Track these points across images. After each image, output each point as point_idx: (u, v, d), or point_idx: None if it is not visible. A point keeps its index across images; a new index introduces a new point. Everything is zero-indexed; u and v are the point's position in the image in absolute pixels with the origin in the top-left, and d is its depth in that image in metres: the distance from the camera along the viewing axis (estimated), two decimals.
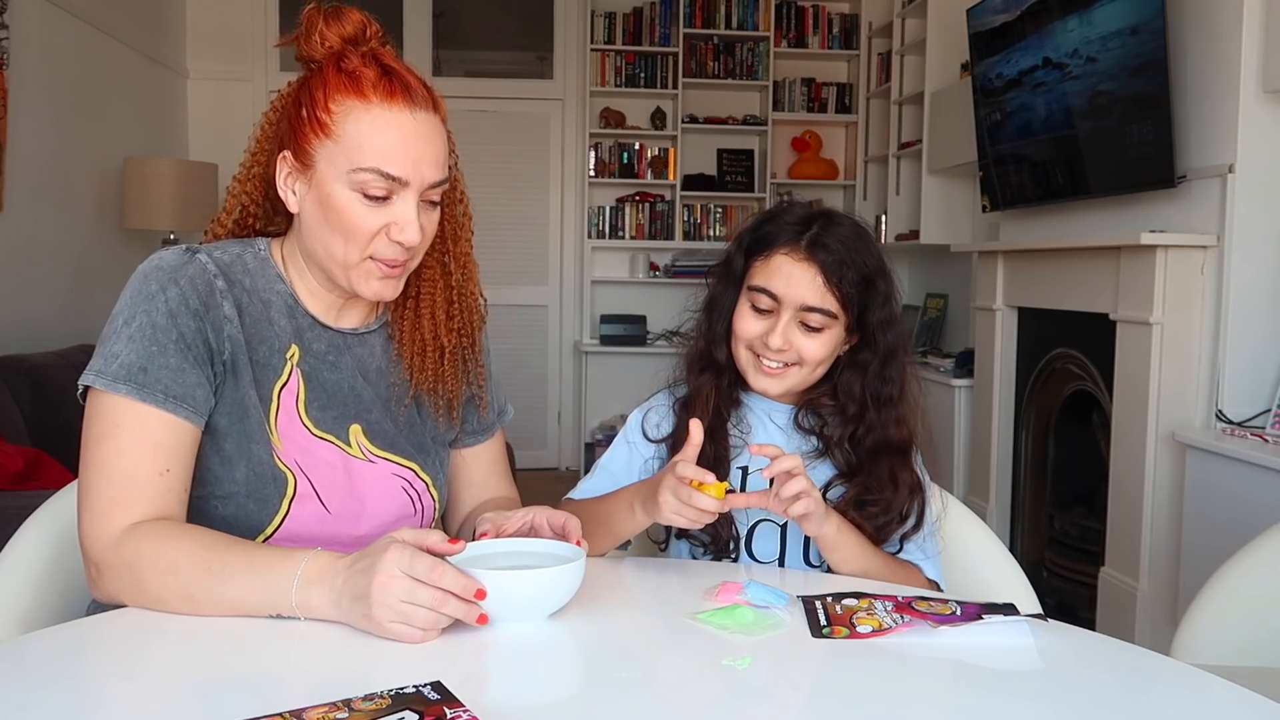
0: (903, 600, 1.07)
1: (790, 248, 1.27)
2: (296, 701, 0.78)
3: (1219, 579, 1.53)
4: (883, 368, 1.30)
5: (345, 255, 1.12)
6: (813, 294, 1.25)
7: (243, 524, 1.11)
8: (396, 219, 1.10)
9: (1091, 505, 3.40)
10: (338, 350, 1.19)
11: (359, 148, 1.08)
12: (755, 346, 1.28)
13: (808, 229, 1.27)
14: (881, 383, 1.30)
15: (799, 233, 1.27)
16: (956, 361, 4.27)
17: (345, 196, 1.09)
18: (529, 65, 5.81)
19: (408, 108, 1.10)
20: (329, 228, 1.11)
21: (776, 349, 1.26)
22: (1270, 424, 2.69)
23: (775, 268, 1.27)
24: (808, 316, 1.26)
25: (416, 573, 0.93)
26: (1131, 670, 0.98)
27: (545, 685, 0.92)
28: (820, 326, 1.26)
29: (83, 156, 4.00)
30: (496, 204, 5.43)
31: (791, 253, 1.27)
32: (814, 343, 1.27)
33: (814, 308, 1.26)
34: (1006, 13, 3.61)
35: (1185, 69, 2.92)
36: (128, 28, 4.41)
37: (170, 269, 1.09)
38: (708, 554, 1.30)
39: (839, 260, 1.25)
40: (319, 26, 1.12)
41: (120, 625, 0.99)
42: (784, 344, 1.26)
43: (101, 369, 1.05)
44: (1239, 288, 2.78)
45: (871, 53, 5.45)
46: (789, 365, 1.28)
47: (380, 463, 1.18)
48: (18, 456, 2.58)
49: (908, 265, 5.53)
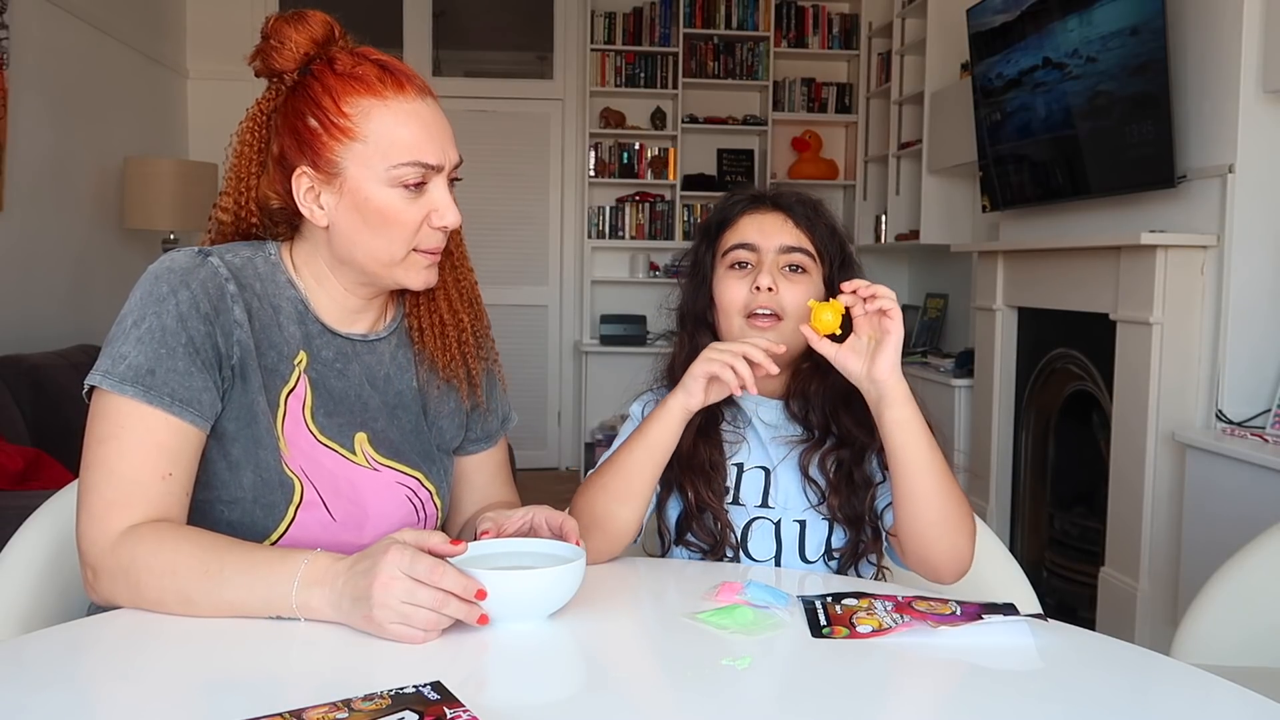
0: (903, 600, 1.07)
1: (754, 206, 1.31)
2: (296, 702, 0.78)
3: (1219, 579, 1.53)
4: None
5: (390, 253, 1.12)
6: (788, 235, 1.28)
7: (248, 529, 1.11)
8: (436, 205, 1.12)
9: (1091, 505, 3.40)
10: (346, 358, 1.18)
11: (392, 143, 1.09)
12: (745, 305, 1.27)
13: (765, 194, 1.32)
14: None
15: (757, 197, 1.32)
16: (956, 361, 4.27)
17: (385, 195, 1.10)
18: (529, 65, 5.82)
19: (418, 95, 1.11)
20: (370, 229, 1.11)
21: (765, 288, 1.25)
22: (1270, 424, 2.69)
23: (745, 224, 1.30)
24: (789, 257, 1.27)
25: (417, 574, 0.93)
26: (1131, 670, 0.97)
27: (545, 685, 0.92)
28: (801, 267, 1.27)
29: (83, 156, 4.00)
30: (496, 204, 5.43)
31: (757, 209, 1.31)
32: (797, 288, 1.26)
33: (792, 247, 1.27)
34: (1006, 13, 3.61)
35: (1185, 69, 2.92)
36: (128, 28, 4.41)
37: (182, 271, 1.08)
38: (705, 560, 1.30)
39: (804, 207, 1.30)
40: (288, 34, 1.11)
41: (120, 626, 0.99)
42: (772, 284, 1.25)
43: (109, 369, 1.04)
44: (1239, 288, 2.78)
45: (871, 53, 5.45)
46: (778, 319, 1.27)
47: (385, 471, 1.18)
48: (18, 456, 2.58)
49: (908, 265, 5.53)
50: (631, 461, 1.22)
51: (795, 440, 1.30)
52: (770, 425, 1.32)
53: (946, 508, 1.17)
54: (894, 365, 1.15)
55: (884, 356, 1.15)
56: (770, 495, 1.29)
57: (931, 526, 1.17)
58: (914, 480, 1.17)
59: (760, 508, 1.30)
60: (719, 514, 1.28)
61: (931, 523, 1.17)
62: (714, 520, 1.28)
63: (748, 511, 1.30)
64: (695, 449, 1.29)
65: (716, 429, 1.32)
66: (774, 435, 1.31)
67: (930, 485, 1.16)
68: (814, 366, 1.29)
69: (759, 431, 1.32)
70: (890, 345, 1.15)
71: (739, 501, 1.30)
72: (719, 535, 1.28)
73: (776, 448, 1.30)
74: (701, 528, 1.29)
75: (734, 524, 1.30)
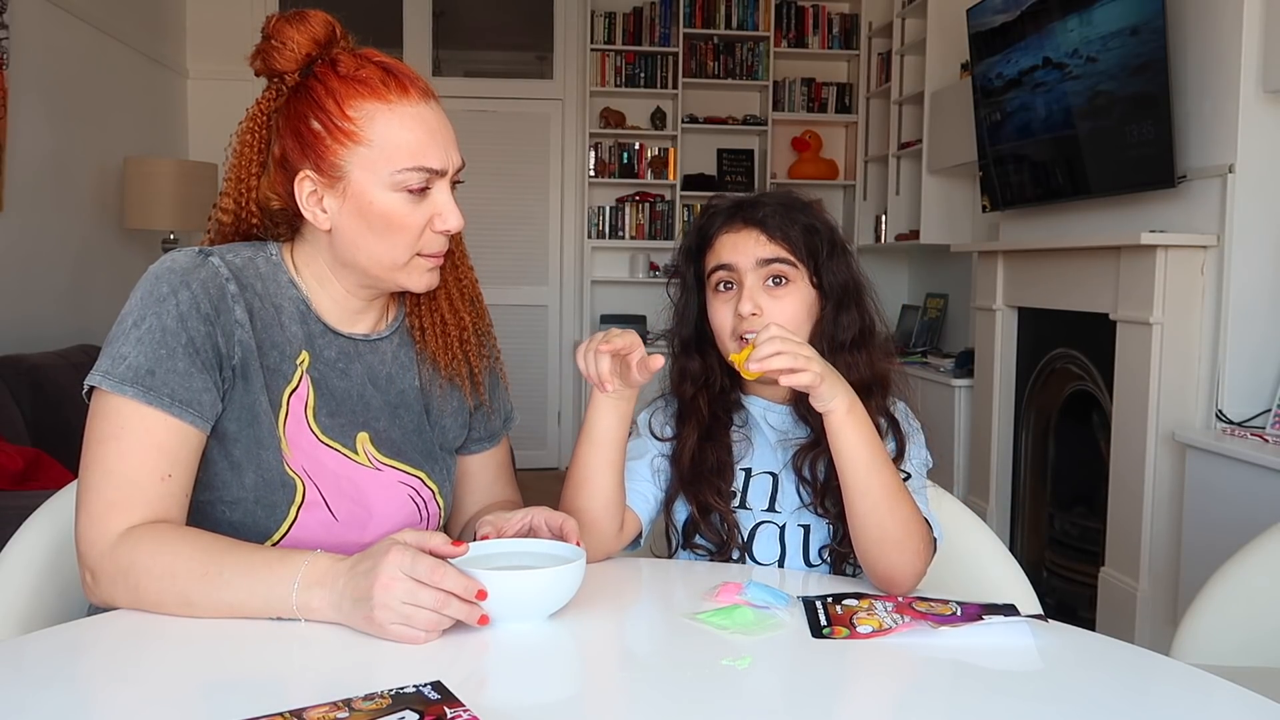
0: (903, 601, 1.07)
1: (728, 225, 1.30)
2: (297, 701, 0.78)
3: (1219, 579, 1.53)
4: (837, 312, 1.29)
5: (393, 257, 1.12)
6: (762, 248, 1.26)
7: (250, 530, 1.10)
8: (439, 209, 1.12)
9: (1091, 505, 3.40)
10: (348, 358, 1.18)
11: (396, 148, 1.08)
12: (735, 330, 1.27)
13: (740, 208, 1.30)
14: (837, 328, 1.28)
15: (732, 213, 1.31)
16: (956, 361, 4.27)
17: (388, 199, 1.09)
18: (529, 65, 5.81)
19: (421, 99, 1.11)
20: (374, 233, 1.11)
21: (747, 314, 1.25)
22: (1270, 424, 2.69)
23: (721, 245, 1.29)
24: (766, 270, 1.26)
25: (418, 574, 0.93)
26: (1131, 670, 0.98)
27: (545, 685, 0.92)
28: (782, 278, 1.26)
29: (83, 156, 4.00)
30: (496, 204, 5.43)
31: (729, 227, 1.29)
32: (781, 303, 1.26)
33: (767, 259, 1.26)
34: (1006, 13, 3.61)
35: (1185, 69, 2.92)
36: (128, 28, 4.41)
37: (182, 271, 1.08)
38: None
39: (776, 215, 1.28)
40: (289, 34, 1.11)
41: (119, 626, 0.99)
42: (753, 308, 1.24)
43: (109, 370, 1.04)
44: (1239, 288, 2.78)
45: (871, 53, 5.45)
46: None
47: (387, 470, 1.18)
48: (18, 456, 2.58)
49: (908, 265, 5.53)
50: (579, 456, 1.22)
51: (802, 444, 1.29)
52: (778, 430, 1.32)
53: (884, 528, 1.15)
54: (824, 402, 1.14)
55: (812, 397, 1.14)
56: (777, 500, 1.29)
57: (871, 543, 1.16)
58: (849, 498, 1.17)
59: (766, 512, 1.30)
60: (726, 515, 1.28)
61: (870, 540, 1.16)
62: (721, 521, 1.28)
63: (754, 515, 1.30)
64: (701, 452, 1.29)
65: (724, 432, 1.32)
66: (781, 439, 1.31)
67: (865, 506, 1.15)
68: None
69: (767, 436, 1.32)
70: (813, 395, 1.14)
71: (746, 506, 1.30)
72: (726, 536, 1.28)
73: (784, 451, 1.30)
74: (709, 528, 1.29)
75: (740, 528, 1.29)
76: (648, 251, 5.72)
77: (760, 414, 1.33)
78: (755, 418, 1.33)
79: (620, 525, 1.24)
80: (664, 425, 1.34)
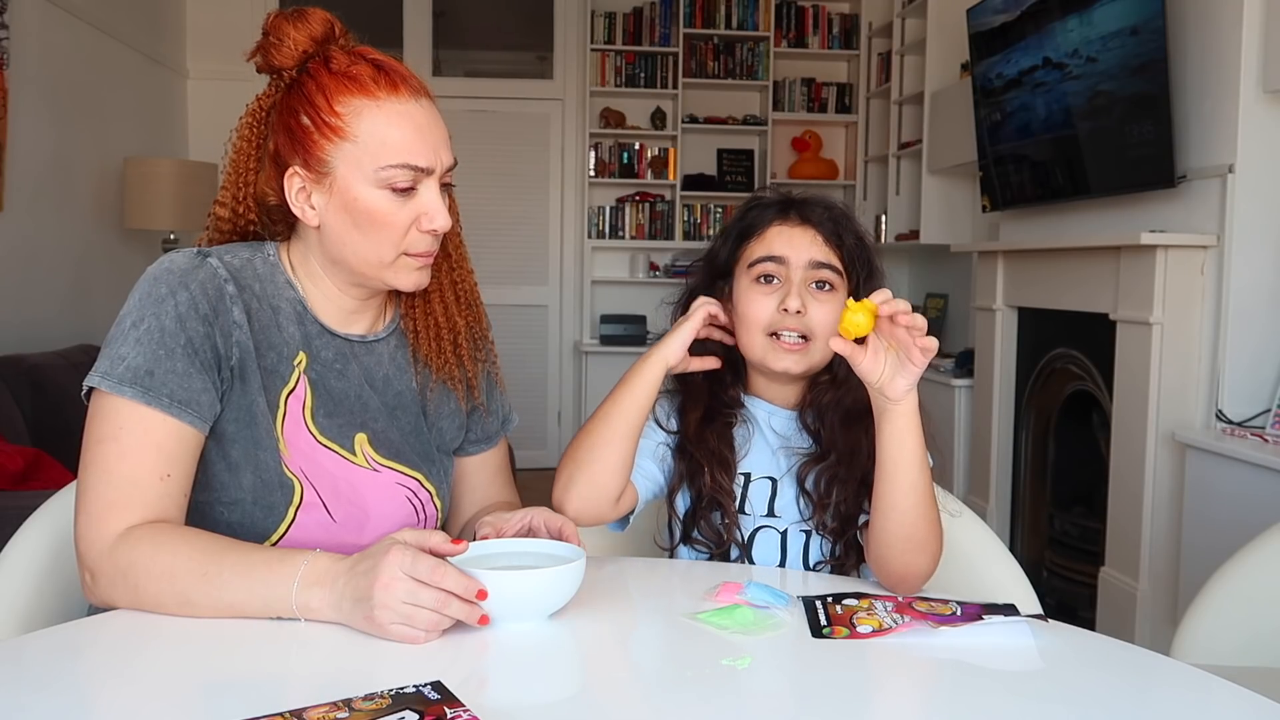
0: (903, 600, 1.07)
1: (782, 219, 1.28)
2: (297, 701, 0.78)
3: (1219, 579, 1.53)
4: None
5: (379, 255, 1.12)
6: (817, 250, 1.26)
7: (248, 530, 1.10)
8: (426, 209, 1.11)
9: (1091, 505, 3.40)
10: (345, 359, 1.18)
11: (381, 145, 1.08)
12: (771, 324, 1.25)
13: (792, 204, 1.30)
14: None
15: (785, 208, 1.29)
16: (956, 361, 4.27)
17: (373, 196, 1.09)
18: (529, 65, 5.81)
19: (412, 97, 1.10)
20: (359, 231, 1.11)
21: (795, 311, 1.23)
22: (1270, 424, 2.68)
23: (773, 236, 1.28)
24: (817, 274, 1.25)
25: (418, 574, 0.93)
26: (1131, 670, 0.98)
27: (545, 685, 0.92)
28: (830, 284, 1.25)
29: (83, 156, 4.00)
30: (496, 204, 5.43)
31: (785, 222, 1.28)
32: (825, 307, 1.24)
33: (822, 263, 1.25)
34: (1006, 13, 3.61)
35: (1185, 69, 2.92)
36: (128, 28, 4.41)
37: (181, 272, 1.08)
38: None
39: (831, 221, 1.28)
40: (287, 31, 1.11)
41: (119, 626, 0.99)
42: (801, 306, 1.23)
43: (108, 371, 1.04)
44: (1239, 288, 2.78)
45: (871, 53, 5.45)
46: (806, 340, 1.25)
47: (385, 471, 1.18)
48: (18, 456, 2.58)
49: (908, 265, 5.53)
50: (609, 410, 1.24)
51: (803, 453, 1.29)
52: (781, 435, 1.31)
53: (916, 527, 1.16)
54: (910, 387, 1.14)
55: (904, 379, 1.12)
56: (776, 505, 1.29)
57: (897, 541, 1.16)
58: (893, 495, 1.16)
59: (766, 517, 1.29)
60: (726, 507, 1.28)
61: (898, 537, 1.16)
62: (721, 517, 1.28)
63: (754, 520, 1.30)
64: (702, 433, 1.29)
65: (723, 424, 1.31)
66: (782, 445, 1.31)
67: (907, 504, 1.16)
68: (832, 380, 1.29)
69: (768, 440, 1.32)
70: (916, 373, 1.13)
71: (745, 510, 1.30)
72: (724, 533, 1.28)
73: (785, 458, 1.30)
74: (708, 524, 1.28)
75: (740, 529, 1.29)
76: (648, 251, 5.72)
77: (764, 418, 1.32)
78: (757, 420, 1.33)
79: (620, 493, 1.24)
80: (669, 416, 1.34)
